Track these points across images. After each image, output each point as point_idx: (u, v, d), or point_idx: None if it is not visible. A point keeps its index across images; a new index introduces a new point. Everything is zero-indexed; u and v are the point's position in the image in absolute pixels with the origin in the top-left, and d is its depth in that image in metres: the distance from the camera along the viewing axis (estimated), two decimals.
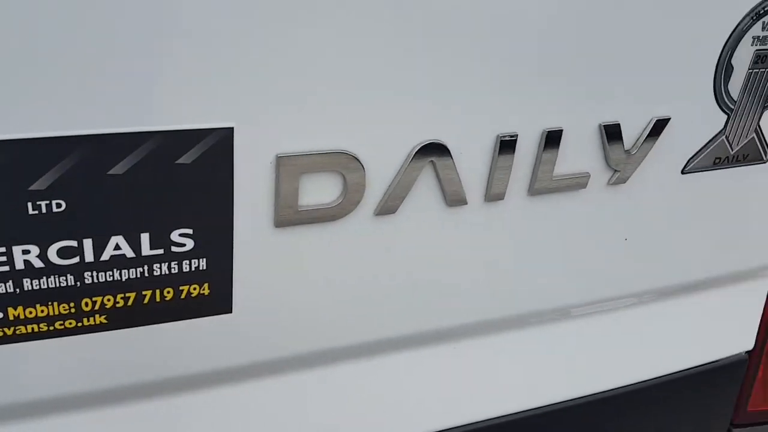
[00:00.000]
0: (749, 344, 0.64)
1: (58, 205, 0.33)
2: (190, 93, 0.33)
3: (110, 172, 0.33)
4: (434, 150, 0.39)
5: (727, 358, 0.63)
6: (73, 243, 0.34)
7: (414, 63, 0.37)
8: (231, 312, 0.40)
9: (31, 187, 0.32)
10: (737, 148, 0.49)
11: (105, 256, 0.35)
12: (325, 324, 0.43)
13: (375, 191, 0.39)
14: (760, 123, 0.48)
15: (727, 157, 0.49)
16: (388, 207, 0.40)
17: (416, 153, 0.39)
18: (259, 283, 0.40)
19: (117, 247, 0.35)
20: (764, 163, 0.51)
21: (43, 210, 0.33)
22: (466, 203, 0.43)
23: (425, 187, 0.41)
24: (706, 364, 0.62)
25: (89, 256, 0.35)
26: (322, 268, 0.41)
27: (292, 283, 0.41)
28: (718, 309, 0.61)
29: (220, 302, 0.39)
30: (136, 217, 0.35)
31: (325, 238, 0.40)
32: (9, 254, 0.33)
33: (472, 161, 0.41)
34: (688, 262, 0.54)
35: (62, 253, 0.34)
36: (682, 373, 0.62)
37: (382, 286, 0.44)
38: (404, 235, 0.42)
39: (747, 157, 0.49)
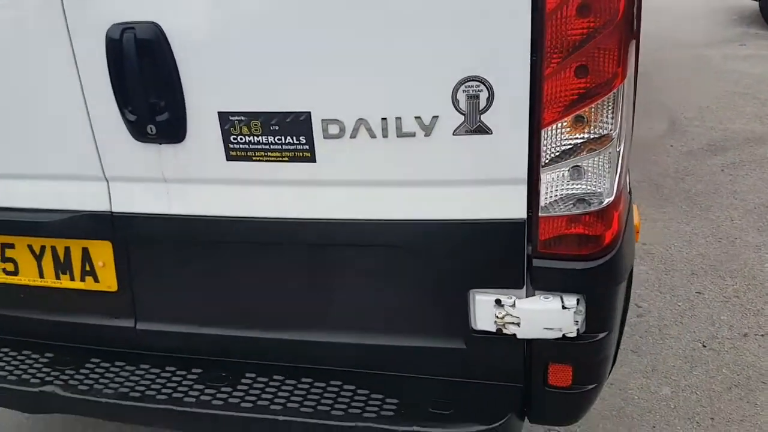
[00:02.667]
0: (524, 214, 1.48)
1: None
2: None
3: None
4: None
5: (511, 218, 1.48)
6: None
7: None
8: None
9: None
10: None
11: None
12: None
13: None
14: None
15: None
16: None
17: None
18: None
19: None
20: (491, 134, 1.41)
21: None
22: None
23: None
24: (500, 219, 1.49)
25: None
26: None
27: None
28: (500, 198, 1.48)
29: None
30: None
31: None
32: None
33: None
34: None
35: None
36: (488, 221, 1.49)
37: None
38: None
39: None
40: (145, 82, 1.51)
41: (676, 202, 4.06)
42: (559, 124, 1.39)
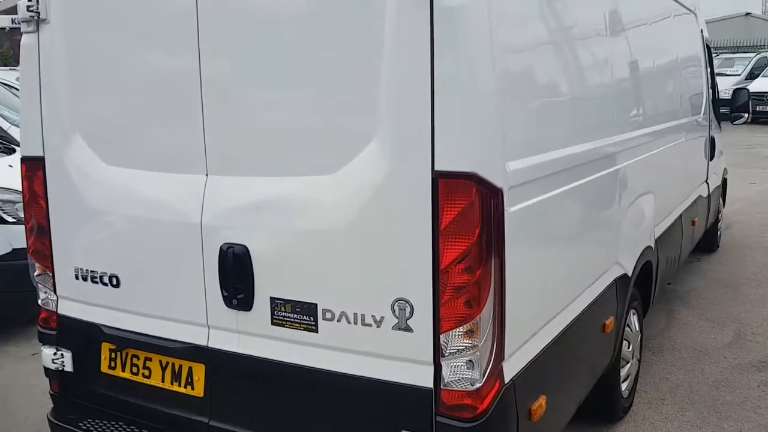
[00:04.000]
0: (431, 385, 2.39)
1: None
2: None
3: None
4: None
5: (424, 386, 2.39)
6: None
7: None
8: None
9: None
10: None
11: None
12: None
13: None
14: None
15: None
16: None
17: None
18: None
19: None
20: None
21: None
22: None
23: None
24: (419, 385, 2.40)
25: None
26: None
27: None
28: (418, 372, 2.41)
29: None
30: None
31: None
32: None
33: None
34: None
35: None
36: (412, 385, 2.41)
37: None
38: None
39: None
40: (235, 276, 2.71)
41: (701, 408, 4.51)
42: (451, 333, 2.35)
